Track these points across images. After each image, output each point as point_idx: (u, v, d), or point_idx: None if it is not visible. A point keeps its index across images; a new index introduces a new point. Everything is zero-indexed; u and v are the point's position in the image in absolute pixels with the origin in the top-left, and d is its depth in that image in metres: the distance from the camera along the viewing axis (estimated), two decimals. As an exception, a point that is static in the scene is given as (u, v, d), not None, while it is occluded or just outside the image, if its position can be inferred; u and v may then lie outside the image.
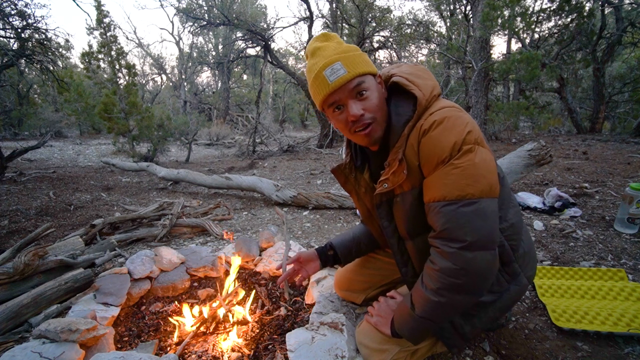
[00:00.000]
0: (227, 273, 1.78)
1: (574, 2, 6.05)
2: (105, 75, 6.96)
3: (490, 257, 0.82)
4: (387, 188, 0.91)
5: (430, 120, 0.84)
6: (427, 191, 0.86)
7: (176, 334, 1.33)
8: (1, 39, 5.58)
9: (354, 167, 1.09)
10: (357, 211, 1.31)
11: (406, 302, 0.96)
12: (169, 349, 1.27)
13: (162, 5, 18.92)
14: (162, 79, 20.28)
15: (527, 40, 7.86)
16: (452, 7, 10.72)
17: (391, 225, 1.01)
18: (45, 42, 5.66)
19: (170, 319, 1.43)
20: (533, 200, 2.64)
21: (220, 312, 1.38)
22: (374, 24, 9.78)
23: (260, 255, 1.91)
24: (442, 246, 0.83)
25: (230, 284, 1.57)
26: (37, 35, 5.63)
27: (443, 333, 0.98)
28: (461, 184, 0.80)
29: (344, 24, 9.98)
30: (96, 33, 6.40)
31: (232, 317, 1.39)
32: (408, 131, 0.88)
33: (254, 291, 1.59)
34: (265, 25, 9.50)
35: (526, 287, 1.02)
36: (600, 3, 6.63)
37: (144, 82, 18.88)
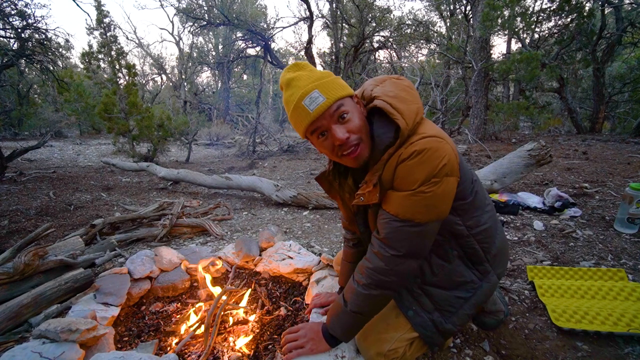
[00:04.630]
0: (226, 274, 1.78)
1: (574, 2, 6.04)
2: (105, 75, 6.96)
3: (415, 264, 0.95)
4: (363, 202, 0.97)
5: (411, 149, 0.85)
6: (387, 200, 0.93)
7: (183, 327, 1.33)
8: (1, 39, 5.58)
9: (337, 174, 1.10)
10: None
11: (339, 301, 1.04)
12: (169, 349, 1.27)
13: (162, 5, 18.84)
14: (162, 79, 20.28)
15: (527, 40, 7.86)
16: (452, 7, 10.74)
17: (367, 230, 1.09)
18: (45, 42, 5.66)
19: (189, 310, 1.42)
20: (533, 200, 2.64)
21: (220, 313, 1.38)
22: (374, 24, 9.79)
23: (260, 255, 1.91)
24: (379, 248, 0.94)
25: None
26: (37, 35, 5.63)
27: (426, 332, 1.02)
28: (415, 210, 0.88)
29: (344, 24, 9.98)
30: (96, 33, 6.42)
31: (232, 317, 1.39)
32: (387, 157, 0.90)
33: (249, 290, 1.59)
34: (265, 25, 9.51)
35: (496, 283, 1.08)
36: (600, 3, 6.63)
37: (144, 82, 18.86)
